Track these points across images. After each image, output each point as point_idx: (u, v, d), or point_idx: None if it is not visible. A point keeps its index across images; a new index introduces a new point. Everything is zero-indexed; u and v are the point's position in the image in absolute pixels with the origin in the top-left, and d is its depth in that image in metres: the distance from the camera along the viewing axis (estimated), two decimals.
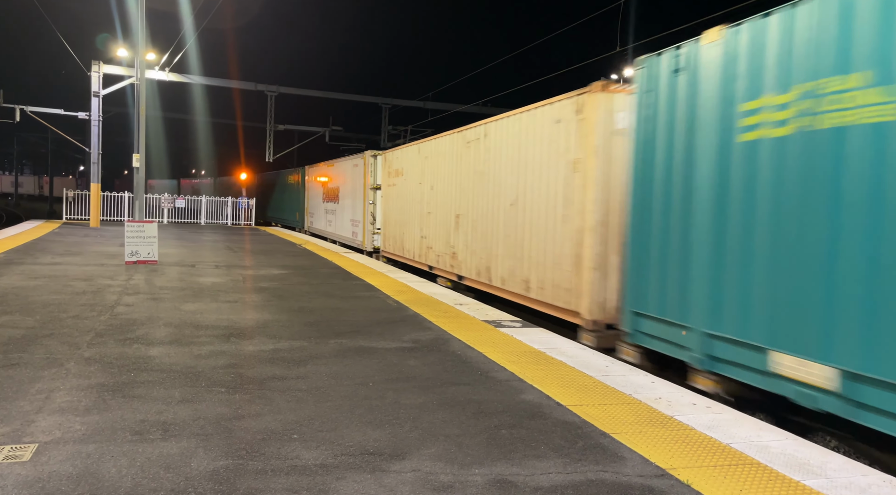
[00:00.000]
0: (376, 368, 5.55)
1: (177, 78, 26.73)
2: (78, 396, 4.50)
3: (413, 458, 3.66)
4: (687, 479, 3.51)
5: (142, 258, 12.51)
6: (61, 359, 5.43)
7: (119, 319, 7.20)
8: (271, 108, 31.22)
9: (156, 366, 5.37)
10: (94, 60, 23.71)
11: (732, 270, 5.43)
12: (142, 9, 13.51)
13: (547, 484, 3.39)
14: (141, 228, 12.48)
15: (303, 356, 5.87)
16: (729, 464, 3.73)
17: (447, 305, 8.97)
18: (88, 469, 3.36)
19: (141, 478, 3.28)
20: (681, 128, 6.15)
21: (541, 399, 4.86)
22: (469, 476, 3.46)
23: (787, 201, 4.94)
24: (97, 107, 23.75)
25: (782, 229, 4.96)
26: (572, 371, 5.70)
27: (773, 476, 3.59)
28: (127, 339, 6.26)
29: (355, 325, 7.37)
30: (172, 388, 4.77)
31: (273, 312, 7.98)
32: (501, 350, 6.40)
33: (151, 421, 4.09)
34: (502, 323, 7.86)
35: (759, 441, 4.12)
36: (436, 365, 5.74)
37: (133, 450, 3.62)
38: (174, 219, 30.08)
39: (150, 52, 25.63)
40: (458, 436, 4.02)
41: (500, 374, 5.50)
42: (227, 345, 6.20)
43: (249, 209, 31.44)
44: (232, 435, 3.89)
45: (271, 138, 32.33)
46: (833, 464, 3.76)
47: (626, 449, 3.92)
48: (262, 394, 4.71)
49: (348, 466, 3.53)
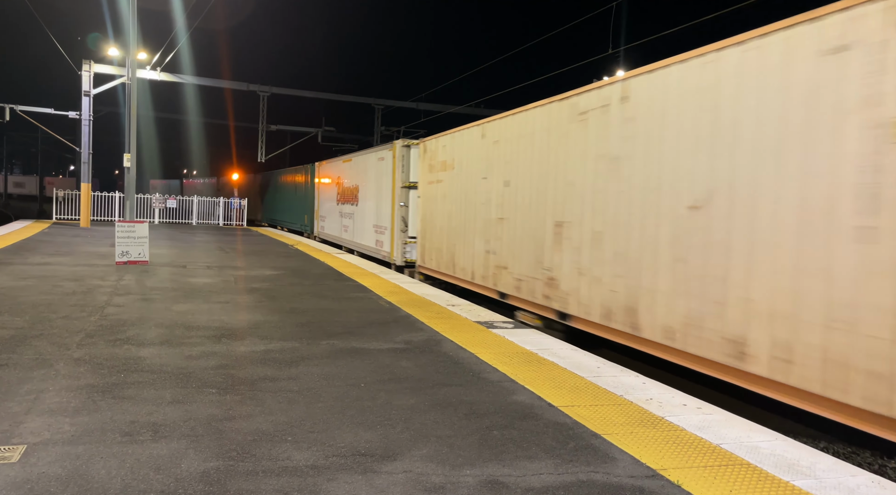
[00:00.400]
0: (368, 369, 5.54)
1: (168, 77, 26.62)
2: (67, 397, 4.47)
3: (404, 459, 3.66)
4: (677, 480, 3.52)
5: (132, 258, 12.44)
6: (51, 360, 5.39)
7: (109, 320, 7.16)
8: (263, 108, 31.14)
9: (146, 366, 5.34)
10: (84, 60, 23.59)
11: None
12: (133, 8, 13.45)
13: (538, 485, 3.39)
14: (132, 228, 12.42)
15: (294, 357, 5.86)
16: (719, 465, 3.75)
17: (440, 306, 8.97)
18: (77, 470, 3.34)
19: (131, 480, 3.26)
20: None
21: (532, 400, 4.86)
22: (460, 477, 3.46)
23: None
24: (88, 106, 23.62)
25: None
26: (564, 372, 5.71)
27: (762, 476, 3.61)
28: (117, 340, 6.23)
29: (347, 326, 7.35)
30: (163, 389, 4.75)
31: (265, 313, 7.96)
32: (493, 351, 6.40)
33: (141, 422, 4.07)
34: (494, 324, 7.87)
35: (749, 441, 4.14)
36: (428, 366, 5.74)
37: (123, 452, 3.60)
38: (165, 220, 29.94)
39: (142, 52, 25.54)
40: (450, 437, 4.02)
41: (492, 375, 5.50)
42: (219, 345, 6.18)
43: (241, 209, 31.34)
44: (223, 437, 3.88)
45: (263, 138, 32.25)
46: (822, 465, 3.79)
47: (617, 449, 3.93)
48: (254, 395, 4.69)
49: (339, 467, 3.52)
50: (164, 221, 29.78)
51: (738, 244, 5.51)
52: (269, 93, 30.39)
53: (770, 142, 5.26)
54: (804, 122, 4.97)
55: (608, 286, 7.20)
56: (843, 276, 4.62)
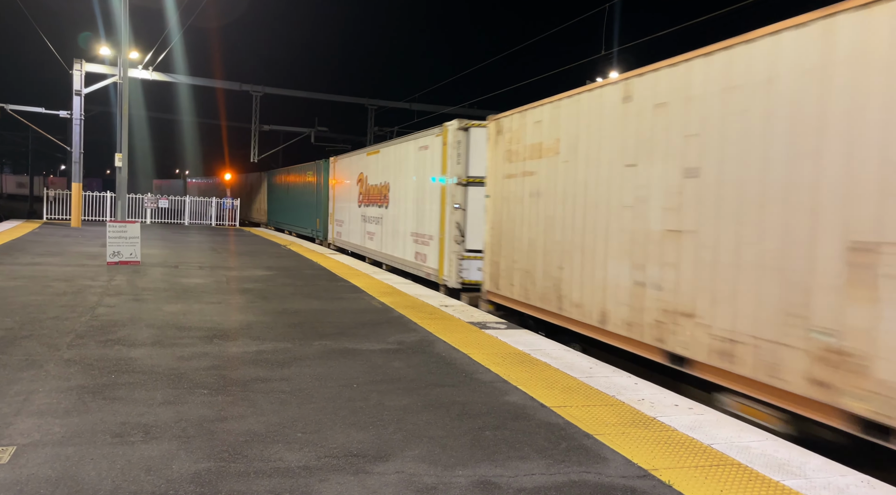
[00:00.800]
0: (361, 370, 5.54)
1: (160, 77, 26.52)
2: (57, 398, 4.44)
3: (397, 460, 3.66)
4: (669, 480, 3.53)
5: (124, 259, 12.38)
6: (40, 361, 5.36)
7: (100, 320, 7.12)
8: (256, 108, 31.08)
9: (137, 367, 5.32)
10: (76, 58, 23.47)
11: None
12: (125, 6, 13.39)
13: (530, 486, 3.40)
14: (123, 228, 12.36)
15: (287, 357, 5.84)
16: (710, 465, 3.77)
17: (433, 307, 8.97)
18: (67, 471, 3.32)
19: (121, 481, 3.25)
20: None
21: (525, 400, 4.87)
22: (453, 477, 3.46)
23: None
24: (79, 105, 23.50)
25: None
26: (557, 372, 5.72)
27: (753, 476, 3.63)
28: (108, 341, 6.19)
29: (340, 327, 7.34)
30: (154, 390, 4.73)
31: (257, 314, 7.94)
32: (486, 351, 6.41)
33: (132, 423, 4.05)
34: (487, 324, 7.87)
35: (739, 442, 4.16)
36: (420, 366, 5.74)
37: (113, 453, 3.58)
38: (157, 220, 29.81)
39: (134, 51, 25.40)
40: (442, 438, 4.02)
41: (485, 376, 5.51)
42: (211, 346, 6.16)
43: (234, 210, 31.24)
44: (214, 438, 3.86)
45: (256, 139, 32.18)
46: (812, 465, 3.81)
47: (608, 450, 3.94)
48: (246, 396, 4.68)
49: (331, 468, 3.51)
50: (156, 221, 29.65)
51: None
52: (262, 92, 30.33)
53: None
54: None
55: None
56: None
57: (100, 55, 24.91)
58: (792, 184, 4.80)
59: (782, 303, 4.86)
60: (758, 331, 5.05)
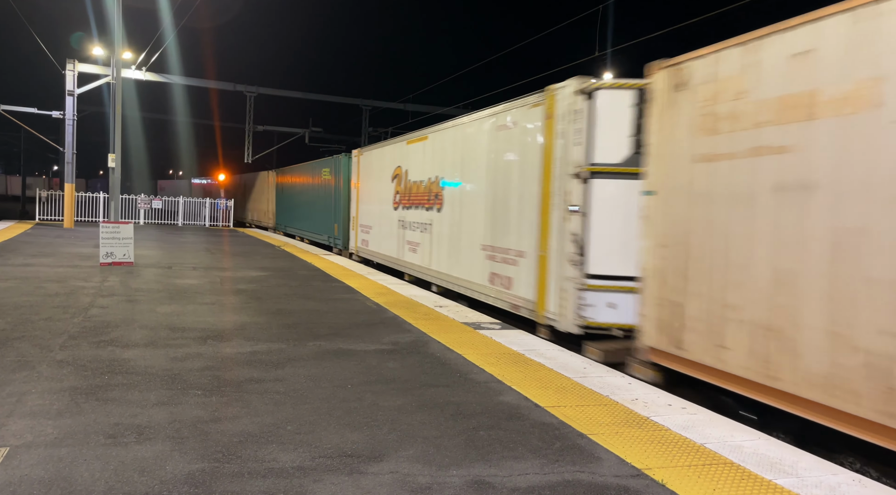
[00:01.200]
0: (355, 370, 5.54)
1: (154, 77, 26.43)
2: (50, 399, 4.43)
3: (391, 460, 3.66)
4: (662, 479, 3.55)
5: (117, 259, 12.33)
6: (33, 362, 5.34)
7: (93, 321, 7.10)
8: (250, 108, 31.01)
9: (131, 368, 5.30)
10: (69, 59, 23.37)
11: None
12: (118, 6, 13.36)
13: (524, 485, 3.41)
14: (116, 229, 12.31)
15: (281, 358, 5.84)
16: (703, 464, 3.79)
17: (427, 307, 8.97)
18: (61, 473, 3.31)
19: (114, 482, 3.24)
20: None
21: (519, 400, 4.88)
22: (447, 477, 3.47)
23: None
24: (72, 106, 23.41)
25: None
26: (551, 372, 5.73)
27: (745, 475, 3.65)
28: (101, 342, 6.17)
29: (334, 327, 7.34)
30: (148, 391, 4.72)
31: (251, 314, 7.92)
32: (480, 351, 6.42)
33: (126, 424, 4.04)
34: (482, 325, 7.88)
35: (732, 441, 4.18)
36: (415, 367, 5.74)
37: (106, 454, 3.57)
38: (151, 221, 29.70)
39: (127, 51, 25.31)
40: (437, 438, 4.03)
41: (479, 376, 5.51)
42: (204, 347, 6.14)
43: (228, 210, 31.17)
44: (208, 438, 3.86)
45: (250, 139, 32.12)
46: (804, 463, 3.84)
47: (602, 449, 3.96)
48: (240, 397, 4.67)
49: (326, 468, 3.52)
50: (150, 222, 29.55)
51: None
52: (256, 93, 30.26)
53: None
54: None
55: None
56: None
57: (93, 55, 24.83)
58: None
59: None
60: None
